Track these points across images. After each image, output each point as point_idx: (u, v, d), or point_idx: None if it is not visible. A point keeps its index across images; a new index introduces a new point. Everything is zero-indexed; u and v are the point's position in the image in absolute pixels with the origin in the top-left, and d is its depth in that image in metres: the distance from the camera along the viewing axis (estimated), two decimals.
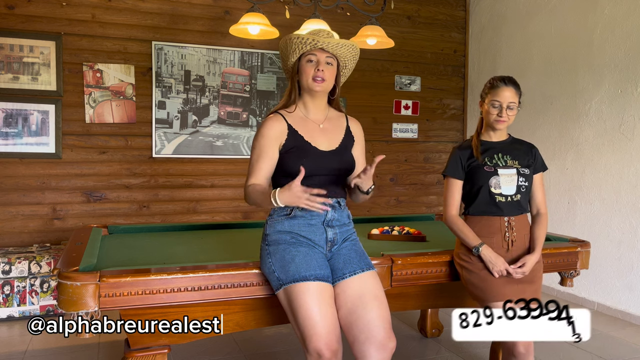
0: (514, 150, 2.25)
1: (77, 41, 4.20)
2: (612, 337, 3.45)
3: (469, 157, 2.23)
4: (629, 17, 3.82)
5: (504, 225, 2.18)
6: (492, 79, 2.23)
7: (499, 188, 2.16)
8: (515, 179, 2.18)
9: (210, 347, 3.11)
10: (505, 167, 2.19)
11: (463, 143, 2.32)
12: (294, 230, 1.93)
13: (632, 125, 3.79)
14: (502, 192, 2.16)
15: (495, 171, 2.18)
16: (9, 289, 3.57)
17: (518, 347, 2.05)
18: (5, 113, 4.03)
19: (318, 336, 1.75)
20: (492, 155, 2.22)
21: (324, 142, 1.99)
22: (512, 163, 2.21)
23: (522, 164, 2.22)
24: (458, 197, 2.24)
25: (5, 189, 4.07)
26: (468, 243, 2.17)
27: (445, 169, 2.28)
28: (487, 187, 2.17)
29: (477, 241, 2.15)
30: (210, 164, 4.63)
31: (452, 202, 2.24)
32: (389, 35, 3.57)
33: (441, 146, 5.52)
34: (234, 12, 4.58)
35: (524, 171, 2.20)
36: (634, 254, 3.76)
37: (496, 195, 2.17)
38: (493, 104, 2.17)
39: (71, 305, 1.75)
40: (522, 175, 2.19)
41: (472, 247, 2.15)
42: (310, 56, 1.95)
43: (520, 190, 2.19)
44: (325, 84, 1.96)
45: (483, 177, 2.18)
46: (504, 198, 2.17)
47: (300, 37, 1.93)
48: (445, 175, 2.27)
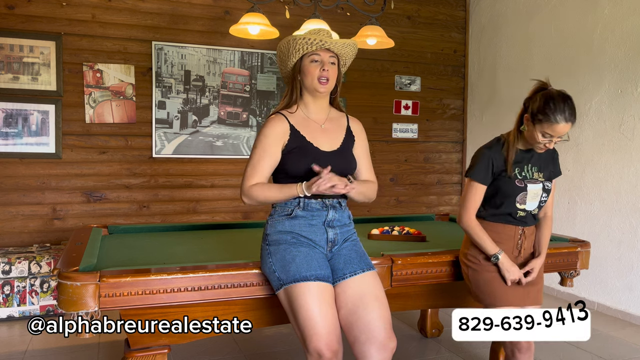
0: (540, 160, 2.15)
1: (77, 41, 4.20)
2: (612, 337, 3.45)
3: (502, 164, 2.09)
4: (629, 17, 3.82)
5: (518, 234, 2.15)
6: (553, 105, 1.96)
7: (524, 204, 2.10)
8: (540, 195, 2.12)
9: (210, 347, 3.11)
10: (532, 180, 2.11)
11: (493, 145, 2.14)
12: (294, 230, 1.93)
13: (632, 125, 3.79)
14: (525, 208, 2.11)
15: (525, 186, 2.09)
16: (9, 289, 3.57)
17: (521, 342, 2.08)
18: (5, 113, 4.03)
19: (318, 336, 1.75)
20: (522, 167, 2.11)
21: (325, 143, 1.99)
22: (537, 176, 2.13)
23: (545, 176, 2.15)
24: (480, 201, 2.14)
25: (5, 189, 4.07)
26: (486, 250, 2.11)
27: (472, 171, 2.12)
28: (514, 201, 2.10)
29: (495, 249, 2.10)
30: (210, 164, 4.63)
31: (472, 205, 2.13)
32: (389, 35, 3.57)
33: (441, 146, 5.52)
34: (234, 12, 4.58)
35: (547, 186, 2.15)
36: (634, 254, 3.76)
37: (519, 210, 2.11)
38: (544, 134, 2.00)
39: (71, 305, 1.75)
40: (545, 191, 2.14)
41: (491, 255, 2.10)
42: (314, 56, 1.94)
43: (540, 205, 2.16)
44: (329, 84, 1.96)
45: (513, 191, 2.09)
46: (524, 213, 2.13)
47: (306, 37, 1.93)
48: (471, 178, 2.13)
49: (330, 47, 1.96)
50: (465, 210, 2.14)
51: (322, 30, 1.99)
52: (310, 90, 1.98)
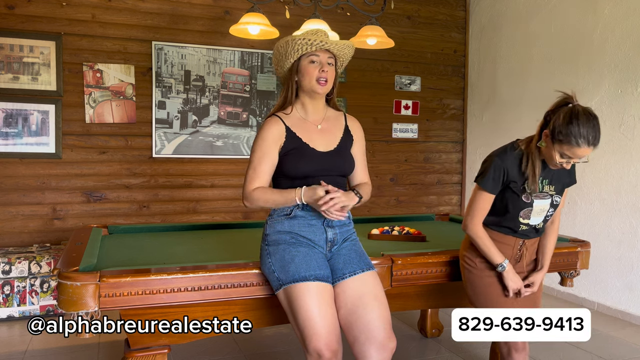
0: (553, 172, 2.04)
1: (77, 41, 4.20)
2: (612, 337, 3.45)
3: (514, 176, 2.00)
4: (629, 17, 3.82)
5: (518, 245, 2.12)
6: (577, 126, 1.80)
7: (527, 219, 2.05)
8: (546, 211, 2.06)
9: (210, 347, 3.11)
10: (541, 195, 2.02)
11: (508, 154, 2.02)
12: (294, 230, 1.93)
13: (632, 125, 3.79)
14: (529, 223, 2.07)
15: (530, 202, 2.01)
16: (9, 289, 3.57)
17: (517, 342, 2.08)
18: (5, 113, 4.03)
19: (318, 336, 1.75)
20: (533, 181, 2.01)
21: (322, 143, 1.99)
22: (548, 189, 2.04)
23: (557, 189, 2.06)
24: (487, 210, 2.08)
25: (5, 189, 4.07)
26: (492, 259, 2.06)
27: (482, 179, 2.03)
28: (517, 215, 2.05)
29: (502, 258, 2.05)
30: (210, 164, 4.63)
31: (480, 213, 2.07)
32: (389, 35, 3.57)
33: (441, 146, 5.52)
34: (234, 12, 4.58)
35: (556, 201, 2.07)
36: (634, 254, 3.76)
37: (522, 224, 2.07)
38: (562, 154, 1.87)
39: (71, 305, 1.75)
40: (553, 206, 2.07)
41: (497, 264, 2.05)
42: (312, 57, 1.94)
43: (546, 219, 2.10)
44: (328, 85, 1.96)
45: (517, 206, 2.03)
46: (527, 227, 2.08)
47: (306, 38, 1.92)
48: (480, 186, 2.04)
49: (330, 48, 1.95)
50: (471, 218, 2.07)
51: (320, 31, 1.98)
52: (308, 91, 1.98)
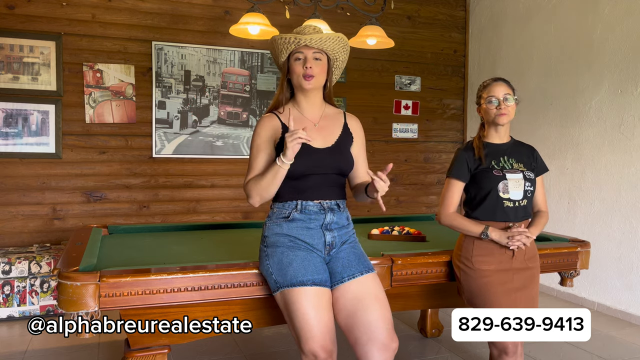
0: (517, 153, 2.20)
1: (77, 41, 4.20)
2: (612, 337, 3.45)
3: (476, 159, 2.16)
4: (629, 17, 3.82)
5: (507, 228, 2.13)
6: (483, 81, 2.25)
7: (507, 193, 2.10)
8: (522, 184, 2.13)
9: (210, 347, 3.11)
10: (512, 170, 2.13)
11: (467, 144, 2.24)
12: (292, 233, 1.92)
13: (632, 125, 3.79)
14: (510, 197, 2.11)
15: (503, 175, 2.11)
16: (9, 289, 3.57)
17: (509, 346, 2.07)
18: (5, 113, 4.03)
19: (314, 338, 1.76)
20: (497, 159, 2.16)
21: (318, 140, 1.96)
22: (517, 166, 2.16)
23: (527, 167, 2.18)
24: (458, 198, 2.19)
25: (5, 189, 4.07)
26: (473, 232, 2.11)
27: (450, 170, 2.19)
28: (496, 191, 2.10)
29: (481, 227, 2.10)
30: (210, 164, 4.63)
31: (451, 202, 2.17)
32: (389, 35, 3.57)
33: (441, 146, 5.52)
34: (234, 12, 4.58)
35: (529, 175, 2.15)
36: (634, 254, 3.76)
37: (504, 200, 2.11)
38: (489, 99, 2.13)
39: (71, 305, 1.75)
40: (528, 180, 2.14)
41: (480, 234, 2.09)
42: (297, 54, 1.93)
43: (527, 195, 2.14)
44: (315, 80, 1.93)
45: (492, 181, 2.11)
46: (511, 203, 2.11)
47: (284, 37, 1.92)
48: (450, 176, 2.19)
49: (307, 44, 1.92)
50: (443, 206, 2.19)
51: (307, 27, 1.96)
52: (299, 88, 1.97)
